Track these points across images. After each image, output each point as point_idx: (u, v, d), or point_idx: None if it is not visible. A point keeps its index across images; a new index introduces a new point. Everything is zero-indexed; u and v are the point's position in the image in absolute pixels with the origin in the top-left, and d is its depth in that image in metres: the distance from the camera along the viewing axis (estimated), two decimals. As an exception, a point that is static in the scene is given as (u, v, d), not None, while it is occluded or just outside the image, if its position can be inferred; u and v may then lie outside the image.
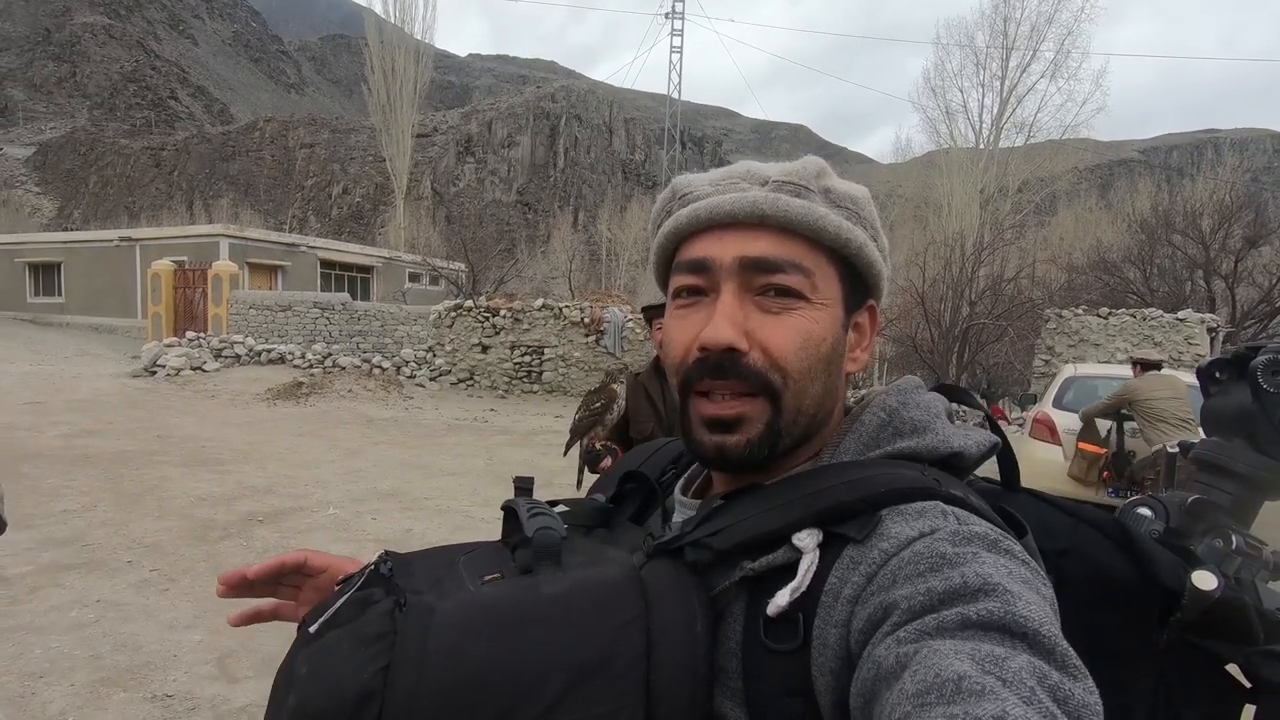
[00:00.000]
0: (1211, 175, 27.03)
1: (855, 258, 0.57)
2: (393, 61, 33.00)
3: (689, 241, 0.58)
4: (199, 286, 17.30)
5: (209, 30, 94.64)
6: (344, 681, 0.44)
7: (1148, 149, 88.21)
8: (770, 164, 0.59)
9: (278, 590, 0.62)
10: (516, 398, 14.14)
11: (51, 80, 68.77)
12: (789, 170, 0.57)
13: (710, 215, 0.56)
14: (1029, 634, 0.38)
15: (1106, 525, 0.59)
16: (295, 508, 5.75)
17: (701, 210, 0.56)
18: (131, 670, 3.13)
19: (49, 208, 54.75)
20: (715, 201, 0.56)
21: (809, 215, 0.55)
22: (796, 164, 0.58)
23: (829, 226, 0.55)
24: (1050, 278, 20.98)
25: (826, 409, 0.57)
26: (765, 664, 0.47)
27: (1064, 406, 5.99)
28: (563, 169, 63.98)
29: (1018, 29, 27.16)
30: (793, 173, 0.57)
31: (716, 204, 0.56)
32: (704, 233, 0.57)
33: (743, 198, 0.55)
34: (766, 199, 0.55)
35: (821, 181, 0.57)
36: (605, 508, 0.63)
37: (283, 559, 0.60)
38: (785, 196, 0.55)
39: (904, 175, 37.05)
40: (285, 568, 0.61)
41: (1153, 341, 12.80)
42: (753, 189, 0.56)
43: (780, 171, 0.57)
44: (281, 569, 0.60)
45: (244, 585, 0.59)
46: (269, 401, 11.52)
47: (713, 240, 0.56)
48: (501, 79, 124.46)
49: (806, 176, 0.56)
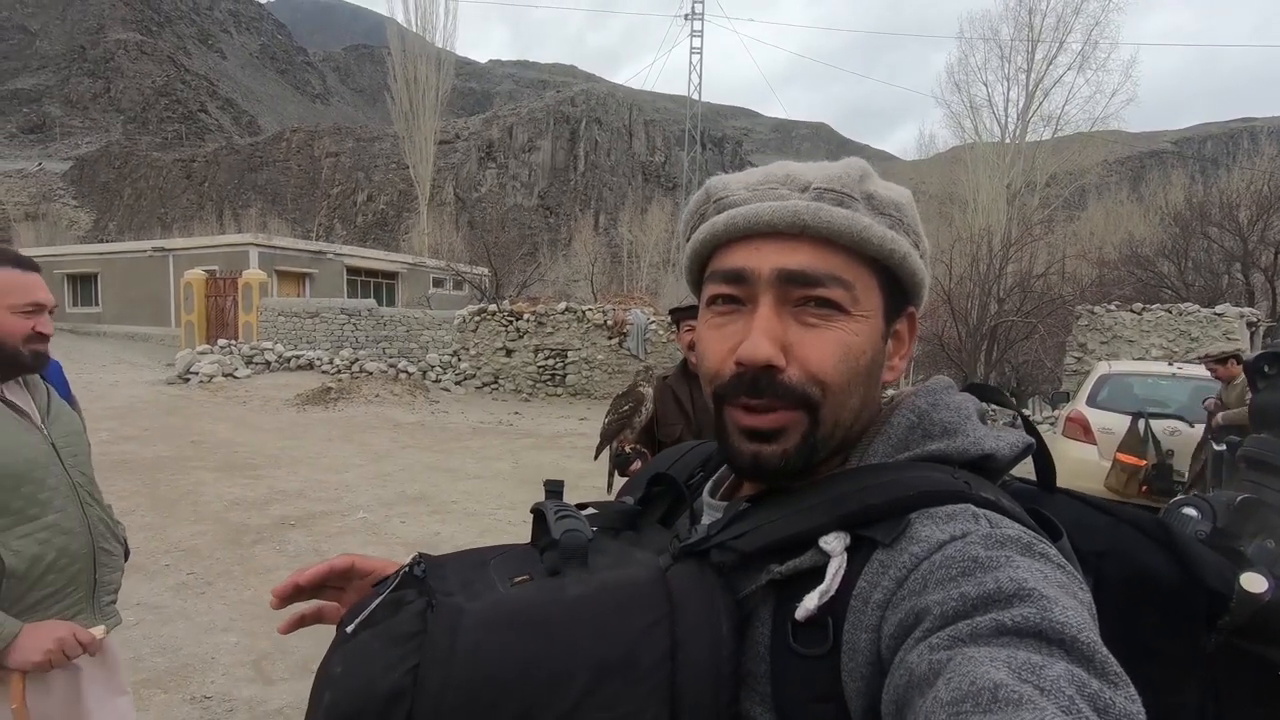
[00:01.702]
0: (1248, 165, 26.30)
1: (899, 268, 0.56)
2: (415, 70, 33.40)
3: (725, 249, 0.56)
4: (230, 295, 17.66)
5: (237, 44, 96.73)
6: (375, 680, 0.45)
7: (1180, 140, 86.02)
8: (809, 166, 0.57)
9: (321, 593, 0.63)
10: (541, 401, 14.22)
11: (87, 96, 70.80)
12: (831, 176, 0.55)
13: (749, 224, 0.54)
14: (1066, 640, 0.38)
15: (1147, 525, 0.58)
16: (326, 511, 5.85)
17: (739, 218, 0.54)
18: (171, 672, 3.20)
19: (85, 220, 56.37)
20: (755, 210, 0.54)
21: (853, 227, 0.53)
22: (838, 168, 0.56)
23: (873, 238, 0.53)
24: (1081, 273, 20.57)
25: (863, 419, 0.56)
26: (794, 668, 0.47)
27: (1098, 405, 5.86)
28: (583, 172, 64.24)
29: (1043, 21, 26.64)
30: (835, 179, 0.54)
31: (756, 212, 0.54)
32: (741, 241, 0.55)
33: (783, 207, 0.53)
34: (808, 209, 0.53)
35: (864, 187, 0.55)
36: (633, 510, 0.63)
37: (332, 563, 0.61)
38: (828, 206, 0.53)
39: (928, 172, 36.57)
40: (334, 572, 0.61)
41: (1189, 337, 12.47)
42: (793, 197, 0.54)
43: (822, 177, 0.55)
44: (331, 573, 0.61)
45: (296, 593, 0.60)
46: (298, 407, 11.72)
47: (751, 250, 0.54)
48: (522, 84, 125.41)
49: (849, 183, 0.54)
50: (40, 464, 1.47)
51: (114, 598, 1.62)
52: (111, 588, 1.61)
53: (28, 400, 1.53)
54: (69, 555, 1.49)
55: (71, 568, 1.50)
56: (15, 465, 1.42)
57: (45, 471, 1.48)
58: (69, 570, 1.50)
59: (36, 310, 1.48)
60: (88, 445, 1.68)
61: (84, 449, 1.63)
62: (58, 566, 1.48)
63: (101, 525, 1.59)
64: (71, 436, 1.59)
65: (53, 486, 1.48)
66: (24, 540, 1.42)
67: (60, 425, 1.57)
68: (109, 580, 1.60)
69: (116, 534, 1.66)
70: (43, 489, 1.46)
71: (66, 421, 1.60)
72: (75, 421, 1.64)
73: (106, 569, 1.59)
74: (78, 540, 1.51)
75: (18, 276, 1.47)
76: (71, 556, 1.50)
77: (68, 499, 1.51)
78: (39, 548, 1.44)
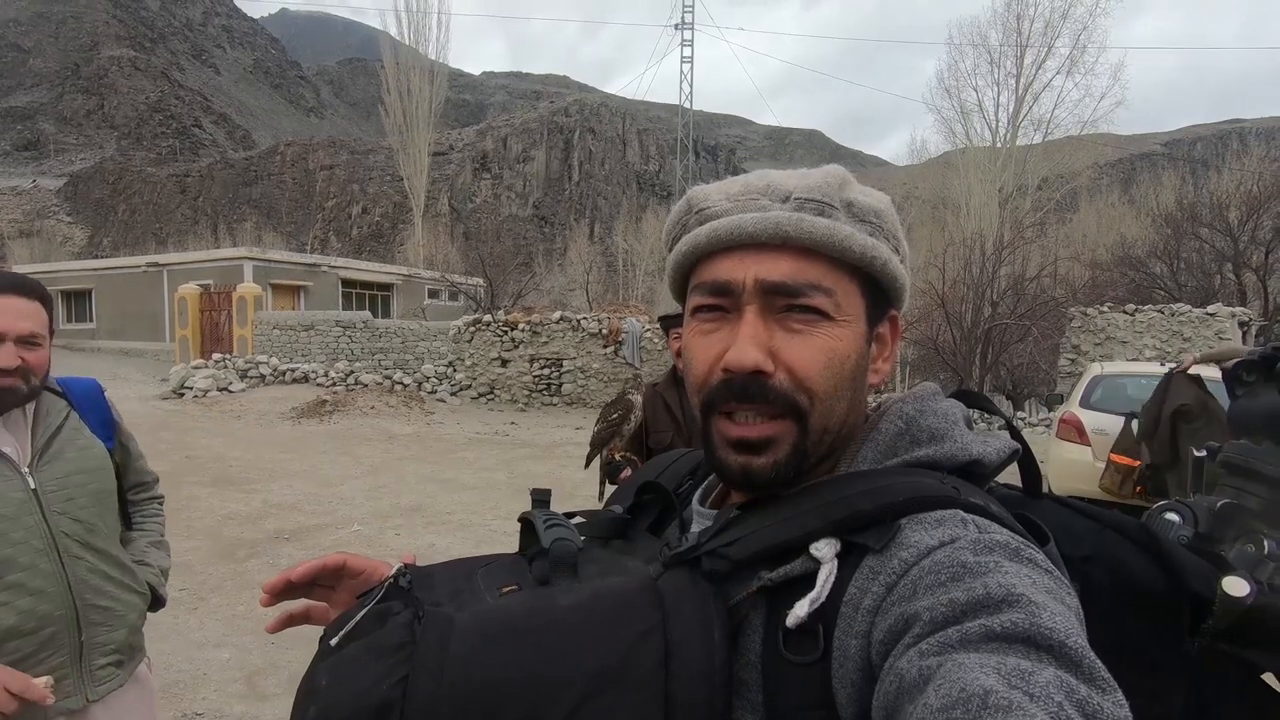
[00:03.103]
0: (1238, 166, 26.52)
1: (880, 274, 0.56)
2: (408, 82, 33.52)
3: (709, 260, 0.56)
4: (224, 309, 17.62)
5: (230, 59, 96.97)
6: (363, 692, 0.44)
7: (1170, 142, 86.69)
8: (789, 174, 0.57)
9: (311, 592, 0.63)
10: (537, 410, 14.20)
11: (81, 113, 70.84)
12: (811, 185, 0.55)
13: (731, 236, 0.54)
14: (1055, 646, 0.38)
15: (1131, 530, 0.58)
16: (321, 525, 5.82)
17: (721, 230, 0.55)
18: (163, 689, 3.17)
19: (80, 237, 56.29)
20: (736, 221, 0.54)
21: (834, 236, 0.53)
22: (818, 177, 0.56)
23: (854, 247, 0.54)
24: (1074, 275, 20.65)
25: (850, 425, 0.57)
26: (785, 676, 0.47)
27: (1092, 406, 5.87)
28: (577, 182, 64.44)
29: (1031, 26, 26.86)
30: (815, 188, 0.55)
31: (738, 224, 0.54)
32: (724, 253, 0.55)
33: (765, 218, 0.53)
34: (790, 220, 0.53)
35: (844, 195, 0.55)
36: (623, 519, 0.63)
37: (324, 561, 0.61)
38: (809, 217, 0.53)
39: (920, 177, 36.75)
40: (326, 569, 0.61)
41: (1182, 337, 12.53)
42: (774, 207, 0.54)
43: (802, 186, 0.55)
44: (323, 570, 0.61)
45: (287, 590, 0.60)
46: (294, 420, 11.68)
47: (734, 262, 0.54)
48: (515, 95, 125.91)
49: (829, 192, 0.55)
50: (4, 516, 1.30)
51: (115, 658, 1.44)
52: (108, 649, 1.42)
53: (17, 440, 1.36)
54: (36, 619, 1.31)
55: (41, 632, 1.32)
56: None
57: (10, 524, 1.30)
58: (39, 635, 1.32)
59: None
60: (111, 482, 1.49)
61: (93, 489, 1.44)
62: (22, 631, 1.30)
63: (96, 578, 1.40)
64: (74, 477, 1.40)
65: (17, 541, 1.30)
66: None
67: (59, 466, 1.38)
68: (104, 641, 1.41)
69: (130, 583, 1.48)
70: (3, 544, 1.29)
71: (72, 460, 1.41)
72: (89, 459, 1.45)
73: (100, 628, 1.40)
74: (49, 601, 1.33)
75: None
76: (40, 620, 1.32)
77: (39, 554, 1.32)
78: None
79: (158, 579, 1.60)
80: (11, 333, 1.31)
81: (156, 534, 1.68)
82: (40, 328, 1.36)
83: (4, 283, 1.34)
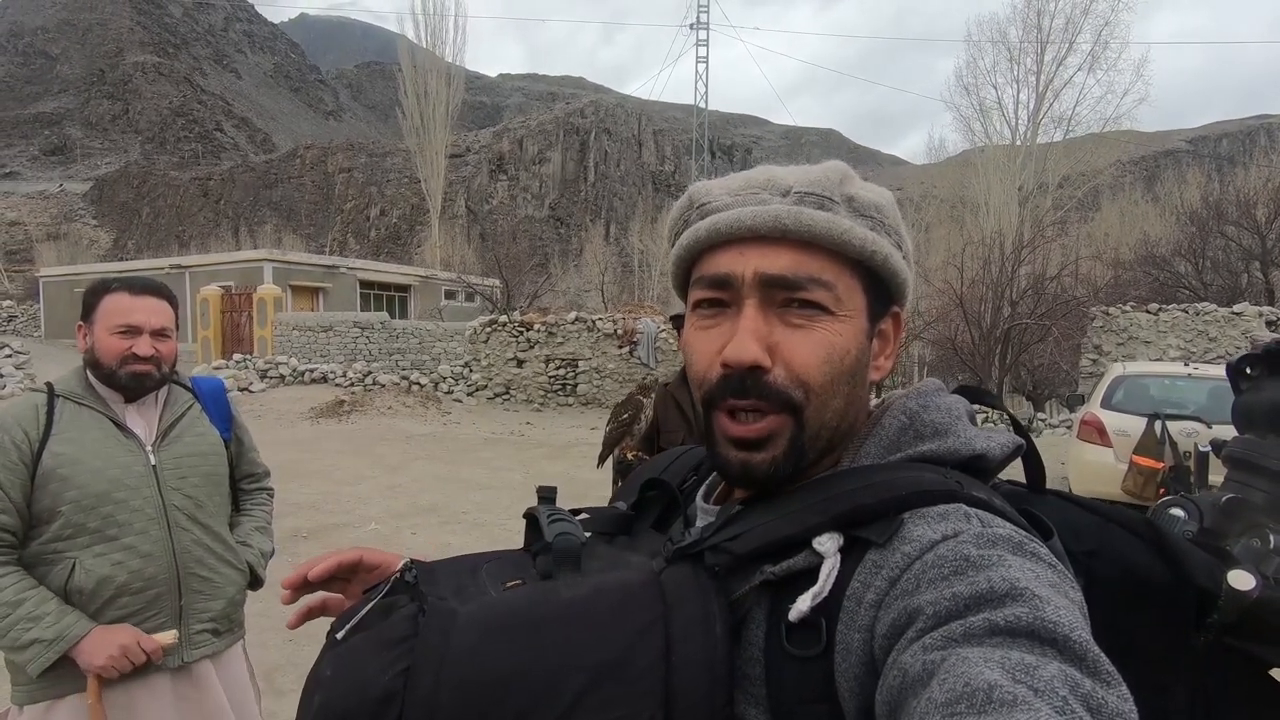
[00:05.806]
0: (1265, 162, 26.02)
1: (881, 269, 0.56)
2: (425, 85, 33.78)
3: (709, 254, 0.57)
4: (245, 310, 17.88)
5: (251, 64, 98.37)
6: (367, 682, 0.45)
7: (1195, 138, 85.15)
8: (791, 169, 0.57)
9: (329, 586, 0.64)
10: (552, 410, 14.24)
11: (106, 118, 72.22)
12: (811, 180, 0.55)
13: (731, 229, 0.54)
14: (1059, 640, 0.37)
15: (1136, 524, 0.57)
16: (338, 524, 5.88)
17: (721, 224, 0.55)
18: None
19: (105, 239, 57.41)
20: (735, 215, 0.54)
21: (833, 230, 0.53)
22: (818, 171, 0.56)
23: (854, 240, 0.54)
24: (1096, 275, 20.34)
25: (850, 420, 0.56)
26: (788, 669, 0.47)
27: (1113, 407, 5.78)
28: (593, 183, 64.59)
29: (1052, 22, 26.47)
30: (815, 182, 0.55)
31: (737, 218, 0.54)
32: (724, 246, 0.55)
33: (764, 211, 0.53)
34: (789, 213, 0.53)
35: (845, 189, 0.55)
36: (627, 515, 0.63)
37: (340, 557, 0.62)
38: (809, 210, 0.53)
39: (939, 175, 36.44)
40: (343, 566, 0.62)
41: (1207, 337, 12.31)
42: (774, 201, 0.54)
43: (802, 181, 0.55)
44: (339, 567, 0.62)
45: (305, 586, 0.61)
46: (312, 420, 11.81)
47: (734, 255, 0.55)
48: (531, 97, 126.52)
49: (830, 186, 0.55)
50: (127, 485, 1.46)
51: (212, 626, 1.56)
52: (205, 616, 1.55)
53: (146, 421, 1.54)
54: (143, 579, 1.47)
55: (147, 592, 1.47)
56: (96, 486, 1.43)
57: (131, 493, 1.47)
58: (145, 594, 1.47)
59: (129, 332, 1.48)
60: (223, 467, 1.65)
61: (204, 471, 1.60)
62: (131, 589, 1.45)
63: (199, 550, 1.55)
64: (188, 459, 1.57)
65: (135, 508, 1.47)
66: (97, 560, 1.42)
67: (177, 447, 1.56)
68: (202, 608, 1.55)
69: (230, 559, 1.61)
70: (123, 510, 1.45)
71: (190, 443, 1.58)
72: (204, 444, 1.61)
73: (200, 595, 1.54)
74: (155, 564, 1.48)
75: (123, 300, 1.50)
76: (147, 581, 1.47)
77: (151, 521, 1.49)
78: (110, 569, 1.43)
79: (258, 560, 1.71)
80: (148, 326, 1.51)
81: (262, 520, 1.81)
82: (169, 323, 1.56)
83: (140, 285, 1.54)
